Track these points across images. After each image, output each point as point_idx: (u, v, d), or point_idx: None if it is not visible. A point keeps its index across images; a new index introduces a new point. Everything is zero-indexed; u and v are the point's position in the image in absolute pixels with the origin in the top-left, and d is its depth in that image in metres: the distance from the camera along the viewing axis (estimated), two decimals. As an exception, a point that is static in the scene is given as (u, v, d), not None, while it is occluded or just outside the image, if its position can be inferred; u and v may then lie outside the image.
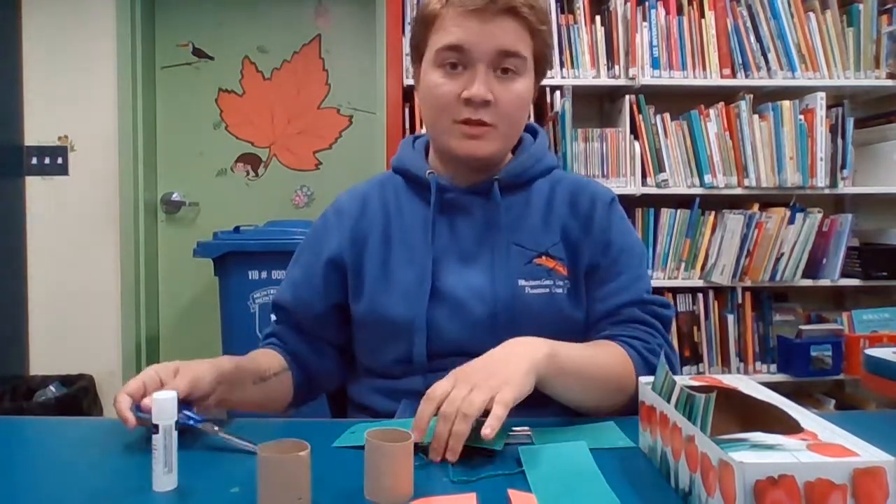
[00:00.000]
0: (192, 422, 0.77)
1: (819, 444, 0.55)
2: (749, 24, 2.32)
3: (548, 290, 0.97)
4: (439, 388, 0.75)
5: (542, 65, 0.99)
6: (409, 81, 2.27)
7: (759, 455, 0.53)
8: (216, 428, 0.78)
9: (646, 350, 0.94)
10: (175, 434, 0.65)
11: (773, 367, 2.35)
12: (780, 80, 2.31)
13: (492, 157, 0.98)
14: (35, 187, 2.75)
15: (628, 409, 0.87)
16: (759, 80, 2.31)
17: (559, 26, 2.28)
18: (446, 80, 0.93)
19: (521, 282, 0.96)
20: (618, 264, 0.99)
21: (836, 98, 2.38)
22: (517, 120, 0.98)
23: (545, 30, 0.96)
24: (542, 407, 0.96)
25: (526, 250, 0.98)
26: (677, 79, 2.30)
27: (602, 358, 0.90)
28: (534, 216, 1.01)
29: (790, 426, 0.61)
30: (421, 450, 0.72)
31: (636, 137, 2.29)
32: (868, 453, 0.53)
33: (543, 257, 0.98)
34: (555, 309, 0.97)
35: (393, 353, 0.98)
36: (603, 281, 0.99)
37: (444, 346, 0.95)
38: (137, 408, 0.74)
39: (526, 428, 0.80)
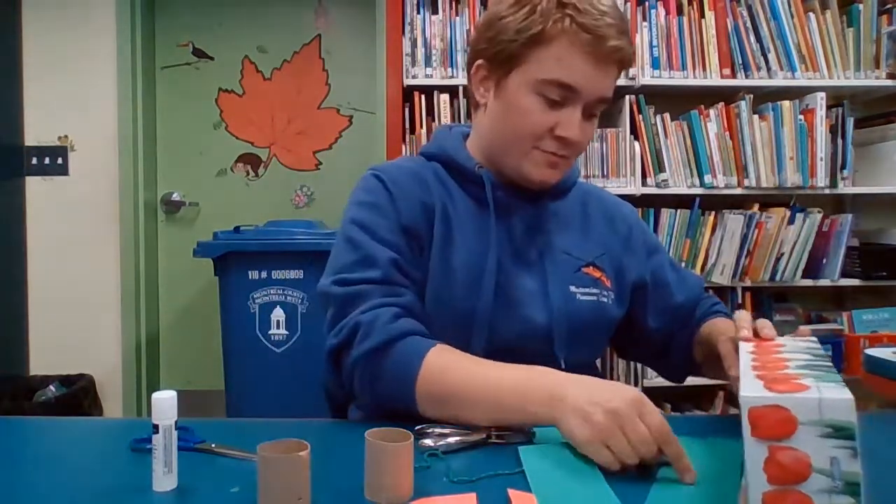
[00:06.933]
0: (191, 443, 0.76)
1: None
2: (749, 24, 2.32)
3: (595, 297, 1.00)
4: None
5: None
6: (409, 81, 2.26)
7: None
8: (213, 445, 0.76)
9: None
10: (175, 434, 0.65)
11: (773, 367, 2.35)
12: (780, 80, 2.31)
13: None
14: (35, 187, 2.75)
15: None
16: (759, 80, 2.31)
17: (559, 26, 2.28)
18: (542, 109, 0.92)
19: (572, 288, 0.98)
20: (669, 259, 1.12)
21: (836, 98, 2.38)
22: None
23: None
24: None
25: (573, 258, 1.01)
26: (677, 79, 2.30)
27: None
28: (573, 226, 1.05)
29: None
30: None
31: (636, 137, 2.29)
32: None
33: (590, 267, 1.01)
34: (604, 316, 1.01)
35: None
36: (669, 281, 1.09)
37: (500, 344, 0.92)
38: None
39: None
